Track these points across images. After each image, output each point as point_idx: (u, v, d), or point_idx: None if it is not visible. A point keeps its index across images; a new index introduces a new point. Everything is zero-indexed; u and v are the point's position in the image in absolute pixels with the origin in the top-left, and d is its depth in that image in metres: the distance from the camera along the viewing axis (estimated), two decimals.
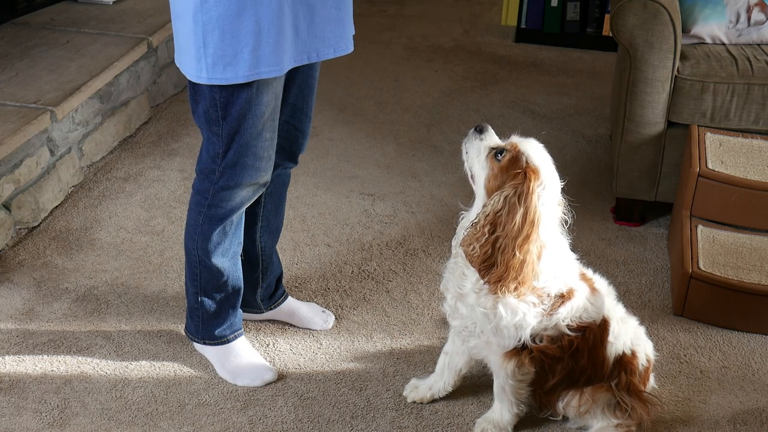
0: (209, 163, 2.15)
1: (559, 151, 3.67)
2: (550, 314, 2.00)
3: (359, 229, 3.10)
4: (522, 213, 1.88)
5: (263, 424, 2.26)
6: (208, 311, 2.35)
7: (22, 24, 3.79)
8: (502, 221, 1.89)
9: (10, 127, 2.90)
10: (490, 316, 2.01)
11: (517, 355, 2.06)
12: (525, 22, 4.84)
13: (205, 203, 2.19)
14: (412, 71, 4.44)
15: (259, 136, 2.09)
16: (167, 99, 4.01)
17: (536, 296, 1.98)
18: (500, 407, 2.21)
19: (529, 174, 1.91)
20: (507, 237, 1.88)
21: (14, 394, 2.32)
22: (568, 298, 2.02)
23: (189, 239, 2.27)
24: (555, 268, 2.00)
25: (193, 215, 2.23)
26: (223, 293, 2.33)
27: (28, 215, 3.00)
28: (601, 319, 2.07)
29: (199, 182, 2.20)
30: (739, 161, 2.84)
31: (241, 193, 2.17)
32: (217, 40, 1.94)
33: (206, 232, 2.22)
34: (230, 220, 2.21)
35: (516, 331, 2.02)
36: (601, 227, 3.16)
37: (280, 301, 2.56)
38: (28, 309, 2.64)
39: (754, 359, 2.54)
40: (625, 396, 2.10)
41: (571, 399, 2.13)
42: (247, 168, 2.12)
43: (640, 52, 2.91)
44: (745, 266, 2.64)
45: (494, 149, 1.99)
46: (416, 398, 2.33)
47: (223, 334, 2.39)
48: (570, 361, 2.07)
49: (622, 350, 2.11)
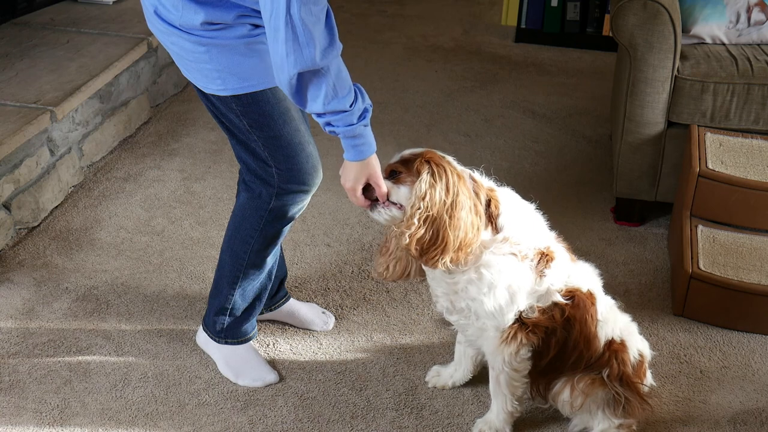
0: (263, 169, 2.11)
1: (559, 151, 3.67)
2: (540, 275, 2.02)
3: (359, 229, 3.10)
4: (443, 184, 1.93)
5: (263, 424, 2.26)
6: (238, 310, 2.35)
7: (22, 24, 3.79)
8: (430, 202, 1.93)
9: (10, 127, 2.90)
10: (480, 286, 2.01)
11: (515, 337, 2.06)
12: (525, 22, 4.84)
13: (266, 207, 2.17)
14: (412, 71, 4.44)
15: (297, 130, 2.07)
16: (167, 99, 4.01)
17: (512, 247, 1.99)
18: (495, 406, 2.21)
19: (426, 156, 1.97)
20: (439, 210, 1.92)
21: (14, 394, 2.32)
22: (550, 258, 2.03)
23: (241, 243, 2.24)
24: (518, 214, 2.02)
25: (251, 221, 2.20)
26: (259, 290, 2.34)
27: (28, 215, 3.00)
28: (587, 290, 2.09)
29: (257, 187, 2.16)
30: (739, 161, 2.84)
31: (301, 193, 2.16)
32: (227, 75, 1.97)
33: (266, 235, 2.21)
34: (290, 219, 2.22)
35: (511, 297, 2.02)
36: (601, 227, 3.16)
37: (281, 303, 2.55)
38: (28, 309, 2.64)
39: (754, 359, 2.54)
40: (618, 386, 2.11)
41: (563, 389, 2.13)
42: (302, 165, 2.10)
43: (640, 52, 2.91)
44: (745, 266, 2.64)
45: (388, 179, 2.01)
46: (437, 385, 2.38)
47: (246, 332, 2.40)
48: (563, 332, 2.08)
49: (611, 336, 2.12)
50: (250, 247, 2.24)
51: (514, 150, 3.67)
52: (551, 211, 2.21)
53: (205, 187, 3.32)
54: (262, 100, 2.01)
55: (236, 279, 2.30)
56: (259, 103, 2.01)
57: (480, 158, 3.58)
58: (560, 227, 2.21)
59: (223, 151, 3.56)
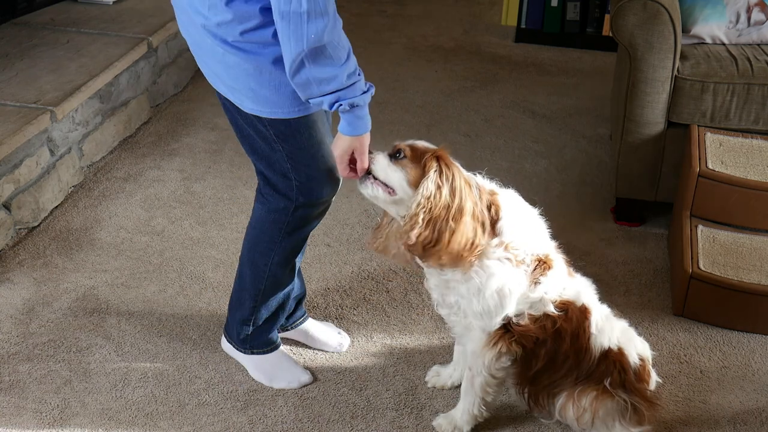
0: (282, 182, 2.11)
1: (559, 151, 3.67)
2: (534, 282, 2.01)
3: (359, 229, 3.10)
4: (449, 186, 1.94)
5: (263, 424, 2.26)
6: (261, 320, 2.33)
7: (22, 24, 3.79)
8: (434, 202, 1.93)
9: (10, 127, 2.90)
10: (470, 288, 2.01)
11: (500, 340, 2.05)
12: (525, 22, 4.83)
13: (285, 220, 2.17)
14: (412, 71, 4.44)
15: (321, 144, 2.06)
16: (167, 99, 4.01)
17: (508, 252, 1.99)
18: (463, 405, 2.21)
19: (438, 153, 1.97)
20: (443, 212, 1.93)
21: (14, 394, 2.32)
22: (548, 266, 2.03)
23: (261, 256, 2.24)
24: (519, 220, 2.02)
25: (270, 234, 2.20)
26: (282, 301, 2.32)
27: (28, 215, 3.00)
28: (581, 304, 2.07)
29: (276, 201, 2.16)
30: (739, 161, 2.84)
31: (320, 206, 2.17)
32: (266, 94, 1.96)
33: (287, 247, 2.21)
34: (310, 232, 2.22)
35: (500, 301, 2.01)
36: (601, 227, 3.16)
37: (298, 323, 2.52)
38: (28, 309, 2.64)
39: (754, 359, 2.54)
40: (622, 394, 2.09)
41: (566, 403, 2.11)
42: (322, 179, 2.10)
43: (640, 52, 2.91)
44: (745, 266, 2.64)
45: (390, 155, 2.02)
46: (437, 385, 2.38)
47: (272, 340, 2.39)
48: (553, 344, 2.06)
49: (608, 345, 2.10)
50: (270, 260, 2.23)
51: (514, 150, 3.67)
52: (551, 211, 2.21)
53: (205, 187, 3.32)
54: None
55: (259, 291, 2.28)
56: None
57: (480, 158, 3.58)
58: (560, 227, 2.22)
59: (223, 151, 3.56)
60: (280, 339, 2.44)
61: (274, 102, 1.96)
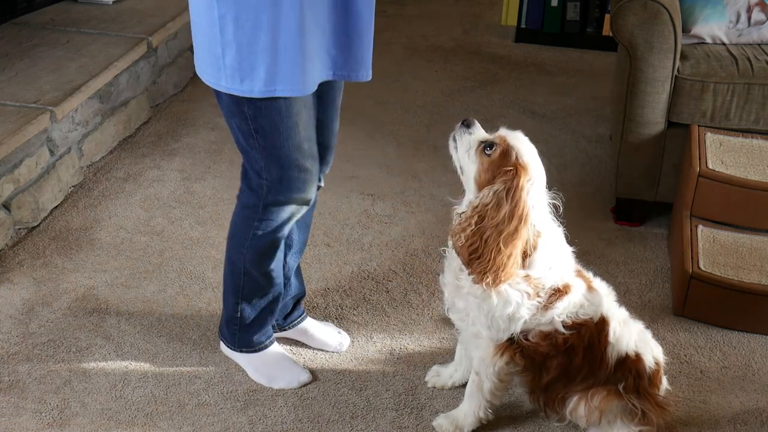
0: (255, 179, 2.12)
1: (559, 151, 3.67)
2: (546, 308, 2.00)
3: (359, 229, 3.10)
4: (510, 208, 1.90)
5: (263, 424, 2.26)
6: (247, 319, 2.34)
7: (22, 24, 3.79)
8: (490, 214, 1.91)
9: (10, 127, 2.90)
10: (483, 306, 2.01)
11: (508, 350, 2.05)
12: (525, 22, 4.83)
13: (255, 218, 2.17)
14: (412, 71, 4.44)
15: (298, 147, 2.06)
16: (167, 99, 4.01)
17: (530, 286, 1.98)
18: (468, 407, 2.20)
19: (519, 170, 1.93)
20: (494, 230, 1.90)
21: (14, 394, 2.32)
22: (565, 293, 2.02)
23: (235, 252, 2.24)
24: (550, 258, 2.00)
25: (241, 229, 2.21)
26: (265, 300, 2.32)
27: (28, 215, 3.00)
28: (599, 318, 2.06)
29: (247, 197, 2.17)
30: (740, 161, 2.84)
31: (290, 207, 2.16)
32: (234, 53, 1.93)
33: (257, 246, 2.20)
34: (282, 233, 2.21)
35: (509, 323, 2.02)
36: (601, 227, 3.15)
37: (296, 322, 2.52)
38: (27, 309, 2.64)
39: (754, 359, 2.54)
40: (634, 399, 2.08)
41: (578, 405, 2.10)
42: (293, 181, 2.10)
43: (640, 52, 2.91)
44: (745, 266, 2.64)
45: (483, 143, 2.00)
46: (437, 385, 2.38)
47: (260, 341, 2.39)
48: (565, 358, 2.06)
49: (625, 352, 2.08)
50: (243, 256, 2.23)
51: None
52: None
53: (204, 187, 3.32)
54: (274, 110, 2.00)
55: (238, 288, 2.29)
56: (272, 112, 2.00)
57: None
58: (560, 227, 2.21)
59: (223, 151, 3.56)
60: (275, 340, 2.44)
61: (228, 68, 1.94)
